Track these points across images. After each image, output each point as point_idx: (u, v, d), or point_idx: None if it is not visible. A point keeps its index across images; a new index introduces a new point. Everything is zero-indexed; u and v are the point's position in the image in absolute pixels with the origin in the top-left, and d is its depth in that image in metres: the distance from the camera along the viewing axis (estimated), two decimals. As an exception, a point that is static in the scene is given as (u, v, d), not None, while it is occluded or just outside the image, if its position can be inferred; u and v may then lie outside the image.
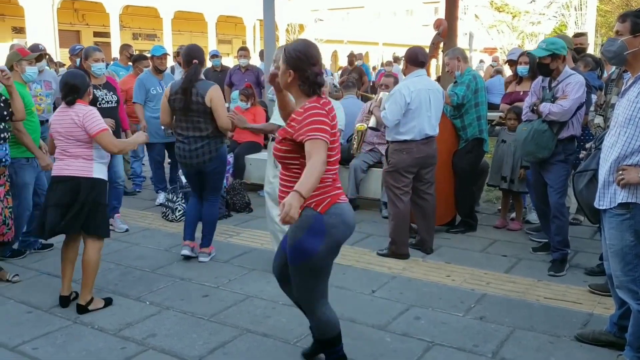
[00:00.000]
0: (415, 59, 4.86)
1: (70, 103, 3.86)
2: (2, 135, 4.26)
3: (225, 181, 6.69)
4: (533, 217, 5.95)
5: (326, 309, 2.90)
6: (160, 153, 6.72)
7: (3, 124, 4.27)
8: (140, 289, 4.28)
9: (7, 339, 3.51)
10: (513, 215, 6.11)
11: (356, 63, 13.38)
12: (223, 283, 4.39)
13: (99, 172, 3.93)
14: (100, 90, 5.68)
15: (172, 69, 8.62)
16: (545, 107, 4.45)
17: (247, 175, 7.25)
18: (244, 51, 8.72)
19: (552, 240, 4.71)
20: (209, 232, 4.92)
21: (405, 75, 5.01)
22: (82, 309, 3.87)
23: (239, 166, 7.17)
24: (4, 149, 4.30)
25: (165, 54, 6.77)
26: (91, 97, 4.06)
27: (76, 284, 4.06)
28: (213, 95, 4.54)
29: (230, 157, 7.11)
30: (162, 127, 6.08)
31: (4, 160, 4.27)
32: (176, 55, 8.88)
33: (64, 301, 3.98)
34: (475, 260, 4.90)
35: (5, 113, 4.29)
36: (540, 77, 4.73)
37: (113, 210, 5.62)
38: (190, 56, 4.63)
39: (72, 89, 3.86)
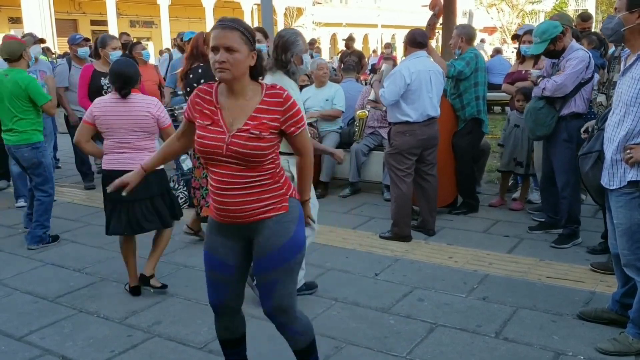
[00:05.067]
0: (414, 40, 4.86)
1: (126, 95, 3.77)
2: None
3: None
4: (535, 197, 5.96)
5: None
6: None
7: None
8: (145, 276, 4.30)
9: (14, 329, 3.54)
10: (515, 195, 6.12)
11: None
12: (227, 269, 4.40)
13: None
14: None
15: (171, 55, 8.61)
16: (542, 83, 4.49)
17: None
18: None
19: (561, 216, 4.80)
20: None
21: (405, 57, 5.00)
22: (146, 280, 3.97)
23: None
24: None
25: None
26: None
27: (90, 275, 4.05)
28: None
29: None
30: None
31: None
32: (174, 43, 8.88)
33: (137, 289, 3.99)
34: (477, 241, 4.92)
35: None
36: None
37: None
38: None
39: (128, 81, 3.76)
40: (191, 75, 4.86)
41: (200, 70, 4.83)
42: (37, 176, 4.98)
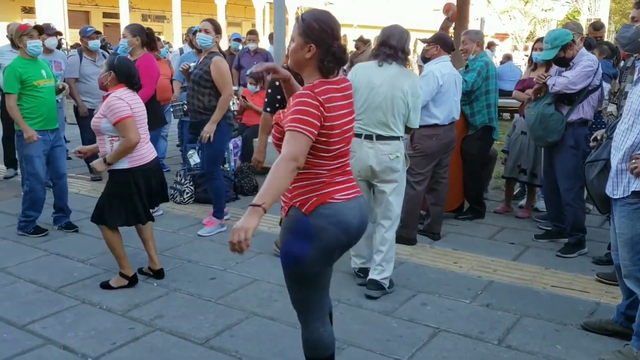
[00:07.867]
0: (448, 44, 4.90)
1: (139, 88, 4.04)
2: None
3: (233, 164, 6.70)
4: (541, 205, 5.93)
5: (320, 325, 2.45)
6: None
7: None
8: (148, 270, 4.30)
9: (17, 318, 3.54)
10: (521, 202, 6.09)
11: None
12: (230, 266, 4.41)
13: None
14: None
15: (181, 50, 8.62)
16: (551, 80, 4.48)
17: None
18: (252, 35, 8.69)
19: (567, 225, 4.77)
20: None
21: (431, 58, 4.93)
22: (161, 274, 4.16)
23: (247, 149, 7.16)
24: None
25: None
26: None
27: (94, 267, 4.07)
28: None
29: (238, 140, 7.10)
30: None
31: None
32: (185, 38, 8.87)
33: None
34: (482, 247, 4.89)
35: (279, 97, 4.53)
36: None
37: None
38: None
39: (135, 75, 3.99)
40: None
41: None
42: None
